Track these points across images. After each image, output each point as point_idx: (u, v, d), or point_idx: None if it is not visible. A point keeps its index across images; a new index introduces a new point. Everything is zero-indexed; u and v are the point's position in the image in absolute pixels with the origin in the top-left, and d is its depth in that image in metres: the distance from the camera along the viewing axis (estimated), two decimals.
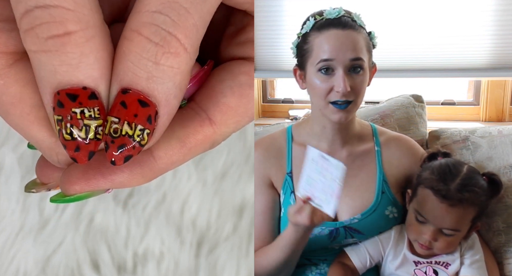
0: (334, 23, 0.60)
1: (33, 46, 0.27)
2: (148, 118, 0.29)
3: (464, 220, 0.59)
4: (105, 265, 0.47)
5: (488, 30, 1.21)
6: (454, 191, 0.58)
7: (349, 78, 0.59)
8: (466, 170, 0.61)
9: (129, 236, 0.48)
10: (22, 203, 0.48)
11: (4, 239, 0.47)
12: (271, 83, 1.41)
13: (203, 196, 0.49)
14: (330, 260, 0.64)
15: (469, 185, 0.59)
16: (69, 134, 0.28)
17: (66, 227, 0.48)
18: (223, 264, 0.47)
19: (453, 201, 0.58)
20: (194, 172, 0.50)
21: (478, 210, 0.59)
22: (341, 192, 0.53)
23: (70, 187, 0.32)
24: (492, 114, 1.30)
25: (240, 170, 0.51)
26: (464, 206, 0.58)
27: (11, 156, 0.50)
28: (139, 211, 0.49)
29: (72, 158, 0.29)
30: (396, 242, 0.63)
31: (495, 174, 0.63)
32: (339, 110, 0.60)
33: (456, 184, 0.59)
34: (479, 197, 0.59)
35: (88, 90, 0.28)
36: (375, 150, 0.66)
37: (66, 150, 0.29)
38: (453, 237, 0.59)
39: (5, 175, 0.49)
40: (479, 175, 0.62)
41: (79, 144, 0.28)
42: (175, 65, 0.28)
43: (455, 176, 0.59)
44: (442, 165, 0.61)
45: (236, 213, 0.49)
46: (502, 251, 0.68)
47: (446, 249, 0.60)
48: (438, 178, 0.60)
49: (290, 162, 0.66)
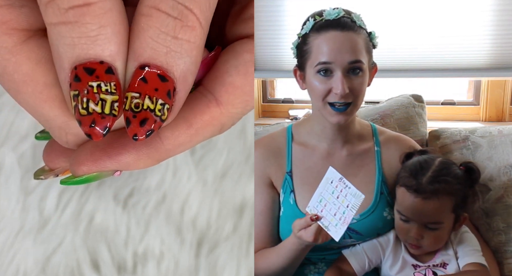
0: (333, 25, 0.60)
1: (53, 18, 0.27)
2: (167, 93, 0.29)
3: (442, 211, 0.59)
4: (105, 265, 0.47)
5: (488, 30, 1.21)
6: (426, 184, 0.58)
7: (348, 80, 0.59)
8: (438, 162, 0.61)
9: (129, 235, 0.48)
10: (22, 202, 0.48)
11: (4, 239, 0.47)
12: (271, 83, 1.41)
13: (203, 195, 0.49)
14: (328, 259, 0.64)
15: (440, 175, 0.59)
16: (85, 109, 0.28)
17: (66, 227, 0.48)
18: (223, 264, 0.47)
19: (426, 194, 0.58)
20: (194, 172, 0.50)
21: (455, 199, 0.59)
22: (351, 220, 0.54)
23: (78, 168, 0.32)
24: (492, 114, 1.30)
25: (240, 170, 0.51)
26: (439, 197, 0.58)
27: (11, 155, 0.50)
28: (139, 210, 0.49)
29: (87, 134, 0.29)
30: (395, 245, 0.63)
31: (471, 161, 0.64)
32: (338, 113, 0.60)
33: (427, 177, 0.59)
34: (453, 185, 0.59)
35: (105, 64, 0.28)
36: (374, 150, 0.66)
37: (82, 126, 0.29)
38: (439, 230, 0.59)
39: (5, 174, 0.49)
40: (454, 165, 0.62)
41: (95, 118, 0.29)
42: (192, 39, 0.29)
43: (426, 169, 0.60)
44: (414, 162, 0.62)
45: (236, 212, 0.49)
46: (502, 251, 0.68)
47: (435, 245, 0.60)
48: (409, 175, 0.60)
49: (290, 161, 0.66)
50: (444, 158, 0.64)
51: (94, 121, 0.29)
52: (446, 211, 0.59)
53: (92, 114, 0.28)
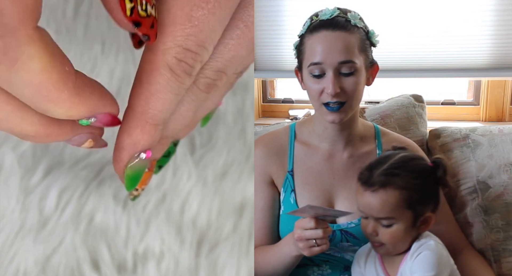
0: (326, 25, 0.60)
1: None
2: None
3: (391, 205, 0.56)
4: (105, 265, 0.47)
5: (488, 30, 1.21)
6: (376, 176, 0.57)
7: (340, 80, 0.59)
8: (399, 157, 0.58)
9: (129, 235, 0.48)
10: (22, 202, 0.48)
11: (4, 239, 0.47)
12: (271, 83, 1.42)
13: (203, 195, 0.49)
14: (332, 261, 0.64)
15: (393, 168, 0.57)
16: (144, 10, 0.29)
17: (66, 226, 0.48)
18: (223, 263, 0.47)
19: (374, 187, 0.56)
20: (194, 171, 0.50)
21: (409, 195, 0.56)
22: None
23: None
24: (492, 114, 1.30)
25: (240, 169, 0.51)
26: (387, 189, 0.56)
27: (11, 155, 0.50)
28: (139, 210, 0.49)
29: (145, 35, 0.29)
30: (370, 254, 0.61)
31: (440, 158, 0.60)
32: (332, 112, 0.60)
33: (380, 170, 0.57)
34: (406, 179, 0.56)
35: None
36: (376, 152, 0.66)
37: (140, 27, 0.29)
38: (393, 227, 0.56)
39: (5, 174, 0.49)
40: (419, 160, 0.59)
41: (154, 21, 0.29)
42: None
43: (383, 163, 0.58)
44: (378, 157, 0.60)
45: (236, 212, 0.49)
46: (500, 249, 0.68)
47: (393, 242, 0.57)
48: (366, 168, 0.59)
49: (291, 160, 0.66)
50: (411, 154, 0.60)
51: (153, 24, 0.29)
52: (397, 206, 0.56)
53: (151, 16, 0.29)
